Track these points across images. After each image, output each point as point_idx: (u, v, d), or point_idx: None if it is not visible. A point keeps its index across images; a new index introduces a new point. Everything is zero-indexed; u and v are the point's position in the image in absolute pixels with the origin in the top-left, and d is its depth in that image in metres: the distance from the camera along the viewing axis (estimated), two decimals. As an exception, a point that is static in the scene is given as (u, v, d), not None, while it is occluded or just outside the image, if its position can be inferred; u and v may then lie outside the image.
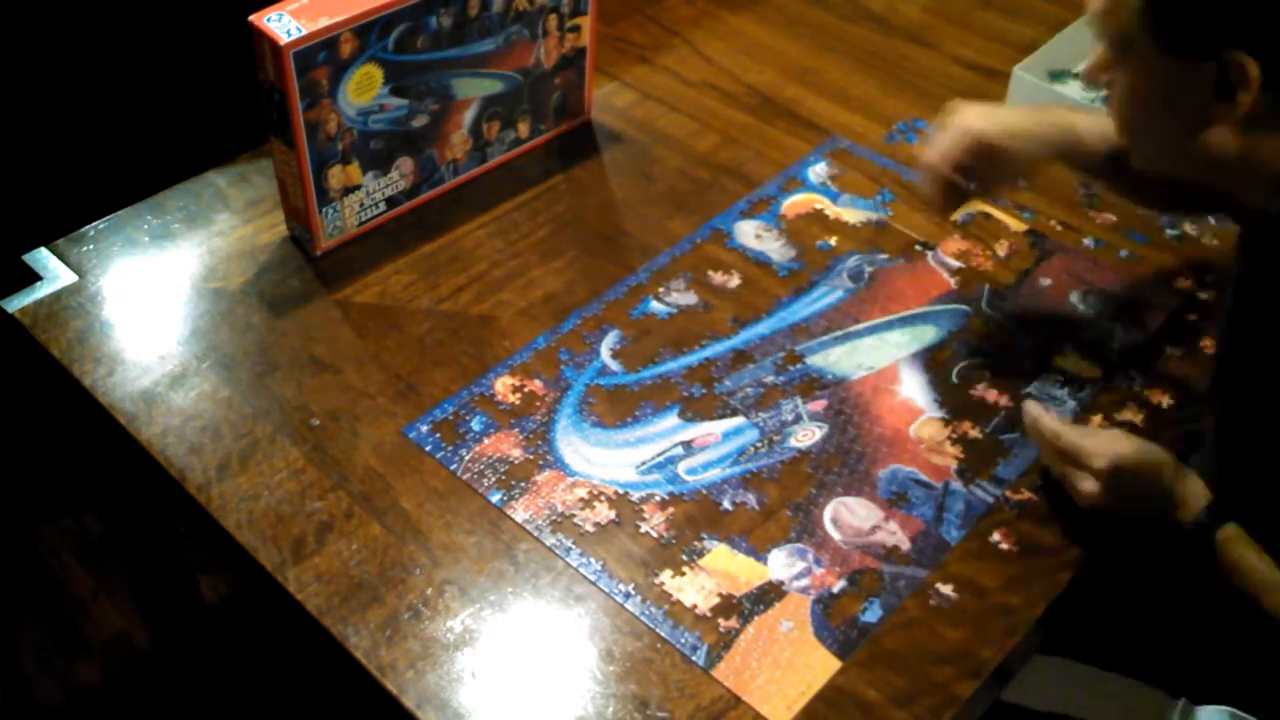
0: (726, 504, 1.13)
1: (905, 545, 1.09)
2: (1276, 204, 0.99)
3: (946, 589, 1.06)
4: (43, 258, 1.34)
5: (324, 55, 1.22)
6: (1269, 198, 0.99)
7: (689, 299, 1.32)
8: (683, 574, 1.07)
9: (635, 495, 1.13)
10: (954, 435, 1.19)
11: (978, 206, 1.45)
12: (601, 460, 1.16)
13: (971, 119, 1.19)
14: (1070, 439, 1.08)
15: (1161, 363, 1.27)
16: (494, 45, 1.38)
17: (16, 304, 1.28)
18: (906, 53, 1.72)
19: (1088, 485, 1.06)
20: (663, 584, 1.06)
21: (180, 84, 1.77)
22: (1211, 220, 1.42)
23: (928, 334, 1.30)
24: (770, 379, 1.24)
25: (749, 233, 1.41)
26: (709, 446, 1.18)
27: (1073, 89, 1.61)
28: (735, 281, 1.35)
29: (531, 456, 1.16)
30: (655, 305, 1.31)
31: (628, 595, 1.05)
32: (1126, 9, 0.94)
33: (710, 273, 1.36)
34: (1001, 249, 1.40)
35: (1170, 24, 0.92)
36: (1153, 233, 1.42)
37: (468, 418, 1.19)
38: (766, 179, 1.49)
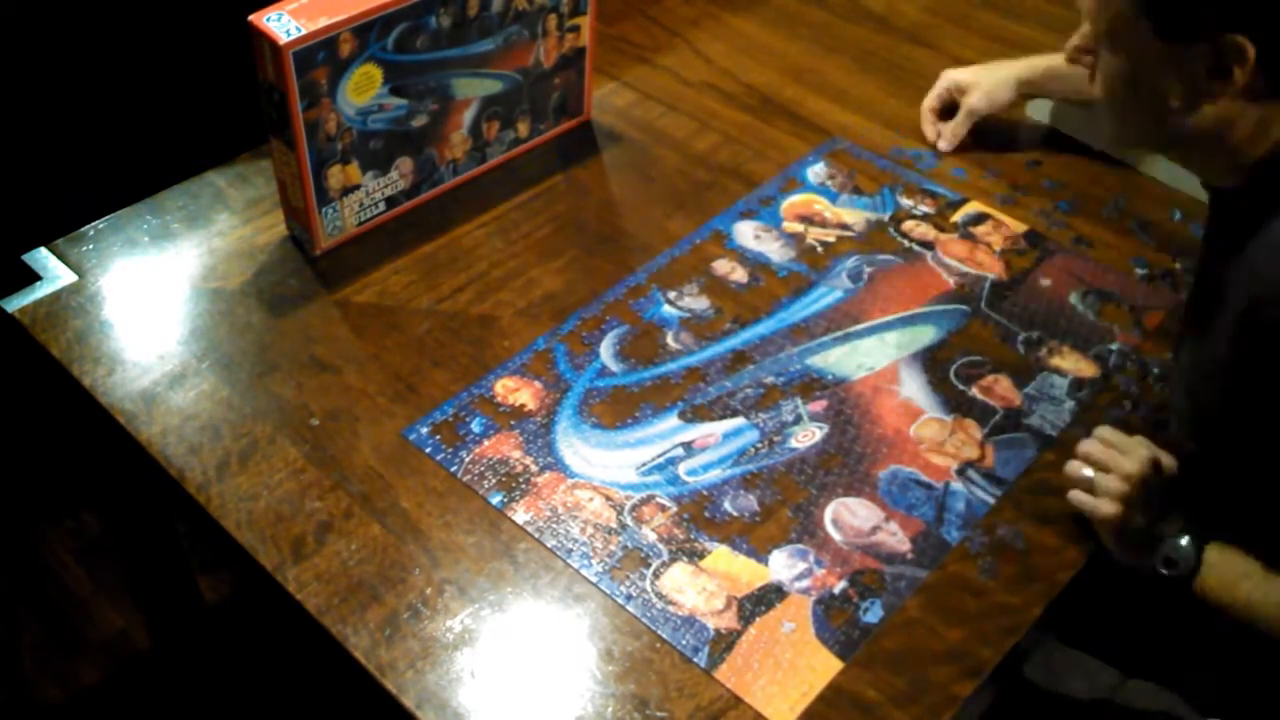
0: (727, 505, 1.13)
1: (905, 545, 1.09)
2: (1236, 180, 1.02)
3: (948, 585, 1.06)
4: (43, 258, 1.34)
5: (323, 55, 1.22)
6: (1233, 174, 1.02)
7: (700, 304, 1.32)
8: (684, 575, 1.07)
9: (636, 496, 1.13)
10: (954, 435, 1.19)
11: (978, 207, 1.45)
12: (602, 462, 1.16)
13: (952, 70, 1.54)
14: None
15: (1160, 362, 1.27)
16: (494, 45, 1.38)
17: (16, 304, 1.28)
18: (906, 53, 1.72)
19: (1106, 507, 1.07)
20: (664, 585, 1.06)
21: (180, 84, 1.77)
22: None
23: (928, 334, 1.30)
24: (770, 379, 1.24)
25: (748, 233, 1.41)
26: (709, 447, 1.18)
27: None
28: (741, 276, 1.35)
29: (532, 458, 1.16)
30: (667, 310, 1.31)
31: (629, 597, 1.05)
32: None
33: (713, 264, 1.36)
34: (1001, 249, 1.40)
35: (1169, 10, 0.94)
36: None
37: (468, 419, 1.19)
38: (766, 179, 1.49)
